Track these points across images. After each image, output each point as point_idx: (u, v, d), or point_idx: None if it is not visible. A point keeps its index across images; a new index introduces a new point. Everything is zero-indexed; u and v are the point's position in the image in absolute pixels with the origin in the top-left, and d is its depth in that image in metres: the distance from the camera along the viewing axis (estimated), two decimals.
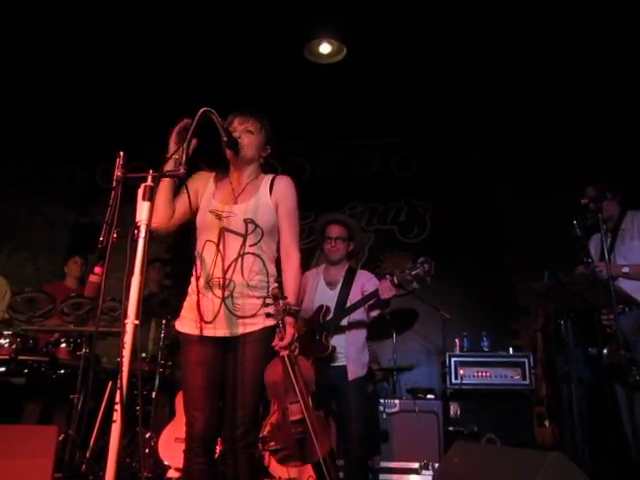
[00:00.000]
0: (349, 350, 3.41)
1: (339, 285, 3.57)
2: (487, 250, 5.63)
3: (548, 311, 4.20)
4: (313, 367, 2.29)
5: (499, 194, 5.89)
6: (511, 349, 4.89)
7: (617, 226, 3.55)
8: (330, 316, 3.45)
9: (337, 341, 3.41)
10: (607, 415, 3.44)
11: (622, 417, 3.29)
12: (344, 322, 3.45)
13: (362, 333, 3.50)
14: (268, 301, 2.21)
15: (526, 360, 4.56)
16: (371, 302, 3.37)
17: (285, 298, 2.22)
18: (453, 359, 4.67)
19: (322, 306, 3.50)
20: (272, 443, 2.16)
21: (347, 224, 3.66)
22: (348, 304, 3.46)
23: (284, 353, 2.16)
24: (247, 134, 2.40)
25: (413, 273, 3.24)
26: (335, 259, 3.61)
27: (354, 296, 3.47)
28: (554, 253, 4.55)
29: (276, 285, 2.30)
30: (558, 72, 4.82)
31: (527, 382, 4.49)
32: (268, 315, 2.19)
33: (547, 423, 4.07)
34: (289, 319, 2.20)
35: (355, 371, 3.38)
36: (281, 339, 2.18)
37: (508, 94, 5.16)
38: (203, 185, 2.47)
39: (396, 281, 3.26)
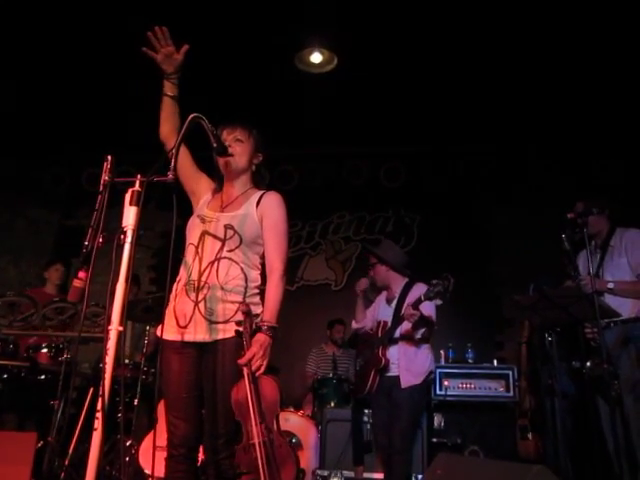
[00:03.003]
0: (401, 360, 3.61)
1: (395, 300, 3.79)
2: (473, 261, 5.66)
3: (533, 324, 4.22)
4: (278, 389, 2.22)
5: (486, 206, 5.93)
6: (495, 361, 4.91)
7: (606, 243, 3.58)
8: (387, 329, 3.70)
9: (392, 352, 3.65)
10: (590, 428, 3.47)
11: (604, 430, 3.31)
12: (395, 334, 3.67)
13: (413, 343, 3.65)
14: (239, 317, 2.15)
15: (510, 372, 4.58)
16: (412, 323, 3.50)
17: (256, 315, 2.18)
18: (438, 370, 4.65)
19: (380, 321, 3.78)
20: (238, 466, 2.09)
21: (372, 252, 3.97)
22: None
23: (245, 371, 2.07)
24: (237, 143, 2.39)
25: (435, 290, 3.40)
26: (377, 285, 3.94)
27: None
28: (540, 265, 4.58)
29: (255, 296, 2.28)
30: (546, 86, 4.87)
31: (511, 394, 4.51)
32: (237, 332, 2.13)
33: (530, 436, 4.08)
34: (258, 336, 2.13)
35: (408, 380, 3.56)
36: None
37: (497, 107, 5.21)
38: (205, 187, 2.47)
39: (422, 299, 3.44)
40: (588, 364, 3.30)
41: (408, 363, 3.60)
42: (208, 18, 4.20)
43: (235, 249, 2.27)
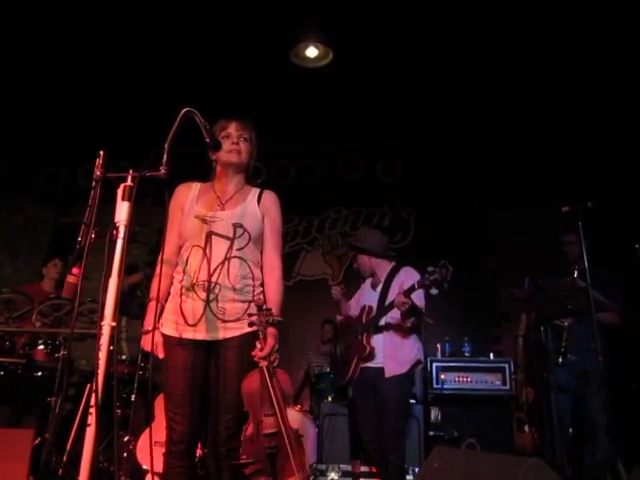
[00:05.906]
0: (386, 348, 3.45)
1: (381, 285, 3.63)
2: (470, 255, 5.65)
3: (529, 317, 4.23)
4: (290, 381, 2.27)
5: (482, 200, 5.93)
6: (492, 354, 4.92)
7: None
8: (372, 316, 3.54)
9: (377, 340, 3.48)
10: (586, 421, 3.48)
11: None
12: (382, 322, 3.50)
13: (400, 332, 3.48)
14: (251, 311, 2.22)
15: (507, 365, 4.59)
16: (402, 311, 3.32)
17: (269, 309, 2.23)
18: (434, 364, 4.67)
19: (365, 306, 3.61)
20: (243, 456, 2.13)
21: (351, 245, 3.93)
22: (387, 303, 3.49)
23: (263, 364, 2.14)
24: (244, 141, 2.43)
25: (432, 278, 3.20)
26: (364, 275, 3.80)
27: (393, 294, 3.45)
28: (536, 259, 4.59)
29: (261, 293, 2.33)
30: (543, 82, 4.87)
31: (507, 387, 4.52)
32: (250, 324, 2.20)
33: (526, 429, 4.09)
34: (271, 330, 2.21)
35: (393, 368, 3.39)
36: (261, 349, 2.17)
37: (493, 101, 5.21)
38: (186, 196, 2.46)
39: (416, 287, 3.25)
40: None
41: (394, 351, 3.43)
42: (203, 13, 4.19)
43: (244, 247, 2.31)
